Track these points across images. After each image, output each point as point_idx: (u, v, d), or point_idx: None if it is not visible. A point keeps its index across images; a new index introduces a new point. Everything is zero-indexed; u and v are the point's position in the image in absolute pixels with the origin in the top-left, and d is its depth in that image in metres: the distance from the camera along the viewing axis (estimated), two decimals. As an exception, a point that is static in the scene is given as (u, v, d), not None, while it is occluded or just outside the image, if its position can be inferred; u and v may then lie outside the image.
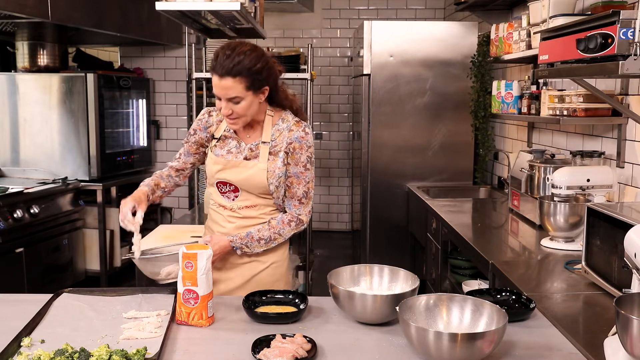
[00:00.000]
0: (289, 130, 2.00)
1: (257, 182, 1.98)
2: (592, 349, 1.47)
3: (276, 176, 1.98)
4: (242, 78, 1.85)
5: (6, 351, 1.42)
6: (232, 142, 2.04)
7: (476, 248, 2.56)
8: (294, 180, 2.01)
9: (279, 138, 2.00)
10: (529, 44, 3.14)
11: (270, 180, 1.98)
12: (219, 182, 2.04)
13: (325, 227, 6.69)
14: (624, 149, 2.68)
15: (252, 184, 1.99)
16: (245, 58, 1.84)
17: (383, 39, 4.46)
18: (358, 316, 1.64)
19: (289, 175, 2.01)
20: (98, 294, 1.85)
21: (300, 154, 1.99)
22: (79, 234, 4.33)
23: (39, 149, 4.40)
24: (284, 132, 2.00)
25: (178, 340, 1.54)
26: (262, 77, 1.89)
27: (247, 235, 2.00)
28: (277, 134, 2.01)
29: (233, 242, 2.00)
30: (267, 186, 1.98)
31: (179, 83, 5.45)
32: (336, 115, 6.61)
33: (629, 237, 1.47)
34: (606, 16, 1.84)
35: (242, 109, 1.89)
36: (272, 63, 1.93)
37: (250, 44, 1.90)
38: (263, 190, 2.00)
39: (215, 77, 1.86)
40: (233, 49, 1.85)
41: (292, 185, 2.02)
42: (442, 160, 4.57)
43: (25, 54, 4.45)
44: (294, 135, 1.99)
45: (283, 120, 2.03)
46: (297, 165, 2.00)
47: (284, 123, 2.02)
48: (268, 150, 1.99)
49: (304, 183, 2.01)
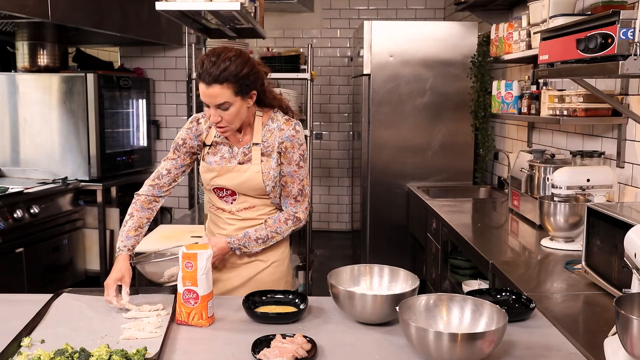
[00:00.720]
0: (280, 130, 1.99)
1: (253, 184, 1.98)
2: (592, 349, 1.47)
3: (271, 177, 1.98)
4: (230, 84, 1.83)
5: (6, 351, 1.42)
6: (224, 148, 2.03)
7: (476, 248, 2.56)
8: (288, 179, 2.01)
9: (271, 138, 1.99)
10: (529, 44, 3.14)
11: (266, 182, 1.97)
12: (216, 187, 2.04)
13: (325, 227, 6.69)
14: (624, 149, 2.68)
15: (249, 187, 1.99)
16: (231, 64, 1.82)
17: (383, 39, 4.46)
18: (358, 316, 1.64)
19: (283, 174, 2.01)
20: (98, 294, 1.85)
21: (292, 152, 1.98)
22: (79, 234, 4.33)
23: (39, 149, 4.40)
24: (274, 132, 1.99)
25: (178, 340, 1.54)
26: (249, 81, 1.87)
27: (245, 235, 2.00)
28: (269, 134, 2.00)
29: (231, 244, 2.00)
30: (264, 188, 1.98)
31: (179, 83, 5.45)
32: (336, 115, 6.61)
33: (629, 237, 1.47)
34: (606, 16, 1.84)
35: (231, 115, 1.88)
36: (257, 66, 1.93)
37: (235, 49, 1.89)
38: (260, 192, 2.00)
39: (202, 85, 1.84)
40: (218, 56, 1.83)
41: (286, 184, 2.01)
42: (442, 160, 4.57)
43: (25, 54, 4.45)
44: (285, 135, 1.98)
45: (273, 120, 2.02)
46: (290, 164, 1.99)
47: (274, 123, 2.01)
48: (260, 152, 1.98)
49: (298, 181, 2.01)
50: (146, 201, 2.04)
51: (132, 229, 1.98)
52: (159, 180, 2.06)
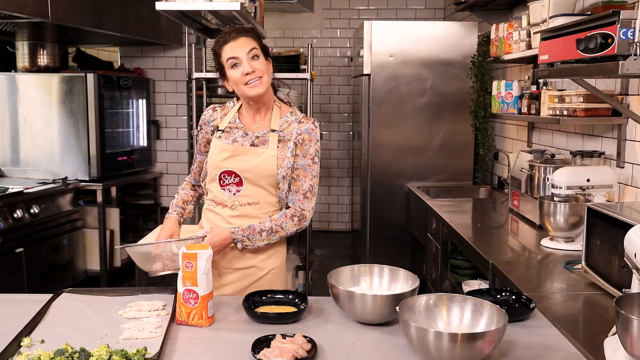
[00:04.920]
0: (299, 122, 2.02)
1: (265, 169, 1.95)
2: (592, 349, 1.47)
3: (285, 165, 1.97)
4: (255, 38, 1.97)
5: (6, 351, 1.42)
6: (238, 132, 2.02)
7: (476, 248, 2.56)
8: (301, 172, 2.00)
9: (288, 129, 2.01)
10: (529, 44, 3.14)
11: (279, 169, 1.96)
12: (223, 172, 1.99)
13: (325, 227, 6.69)
14: (624, 149, 2.68)
15: (260, 173, 1.95)
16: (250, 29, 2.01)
17: (383, 39, 4.46)
18: (358, 316, 1.64)
19: (296, 167, 2.00)
20: (98, 294, 1.85)
21: (309, 145, 2.00)
22: (79, 234, 4.33)
23: (39, 149, 4.40)
24: (292, 124, 2.02)
25: (178, 340, 1.54)
26: (266, 49, 2.00)
27: (249, 227, 1.96)
28: (286, 125, 2.02)
29: (234, 234, 1.95)
30: (276, 174, 1.95)
31: (179, 83, 5.46)
32: (336, 115, 6.61)
33: (629, 237, 1.47)
34: (606, 16, 1.84)
35: (262, 66, 1.95)
36: None
37: None
38: (270, 180, 1.96)
39: (229, 43, 1.94)
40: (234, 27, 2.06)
41: (298, 178, 2.00)
42: (442, 160, 4.57)
43: (25, 54, 4.45)
44: (304, 127, 2.01)
45: (292, 113, 2.06)
46: (305, 157, 2.00)
47: (292, 116, 2.05)
48: (277, 138, 1.99)
49: (310, 177, 2.01)
50: (188, 184, 2.22)
51: (180, 201, 2.15)
52: (192, 168, 2.21)
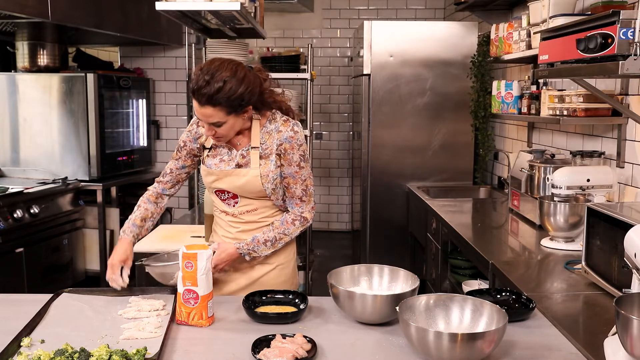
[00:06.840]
0: (278, 132, 1.97)
1: (252, 188, 1.97)
2: (592, 349, 1.47)
3: (270, 180, 1.97)
4: (223, 107, 1.82)
5: (6, 351, 1.42)
6: (223, 150, 2.03)
7: (476, 248, 2.56)
8: (290, 180, 2.00)
9: (269, 140, 1.98)
10: (529, 44, 3.14)
11: (265, 185, 1.96)
12: (217, 190, 2.04)
13: (325, 227, 6.69)
14: (624, 149, 2.68)
15: (249, 190, 1.98)
16: (225, 85, 1.79)
17: (383, 39, 4.46)
18: (358, 316, 1.64)
19: (285, 176, 1.99)
20: (98, 294, 1.85)
21: (292, 154, 1.97)
22: (79, 234, 4.33)
23: (39, 149, 4.40)
24: (272, 134, 1.98)
25: (178, 340, 1.54)
26: (243, 101, 1.85)
27: (253, 239, 1.99)
28: (267, 137, 1.98)
29: (240, 249, 1.98)
30: (264, 190, 1.97)
31: (179, 83, 5.45)
32: (336, 115, 6.61)
33: (629, 237, 1.47)
34: (606, 16, 1.84)
35: (224, 130, 1.89)
36: (253, 81, 1.88)
37: (230, 66, 1.83)
38: (261, 195, 1.99)
39: (195, 102, 1.84)
40: (212, 75, 1.79)
41: (289, 186, 2.00)
42: (442, 160, 4.57)
43: (25, 54, 4.45)
44: (283, 136, 1.96)
45: (270, 121, 2.00)
46: (290, 165, 1.98)
47: (271, 124, 1.99)
48: (258, 155, 1.97)
49: (300, 182, 2.00)
50: (152, 195, 2.12)
51: (139, 218, 2.06)
52: (163, 178, 2.13)
